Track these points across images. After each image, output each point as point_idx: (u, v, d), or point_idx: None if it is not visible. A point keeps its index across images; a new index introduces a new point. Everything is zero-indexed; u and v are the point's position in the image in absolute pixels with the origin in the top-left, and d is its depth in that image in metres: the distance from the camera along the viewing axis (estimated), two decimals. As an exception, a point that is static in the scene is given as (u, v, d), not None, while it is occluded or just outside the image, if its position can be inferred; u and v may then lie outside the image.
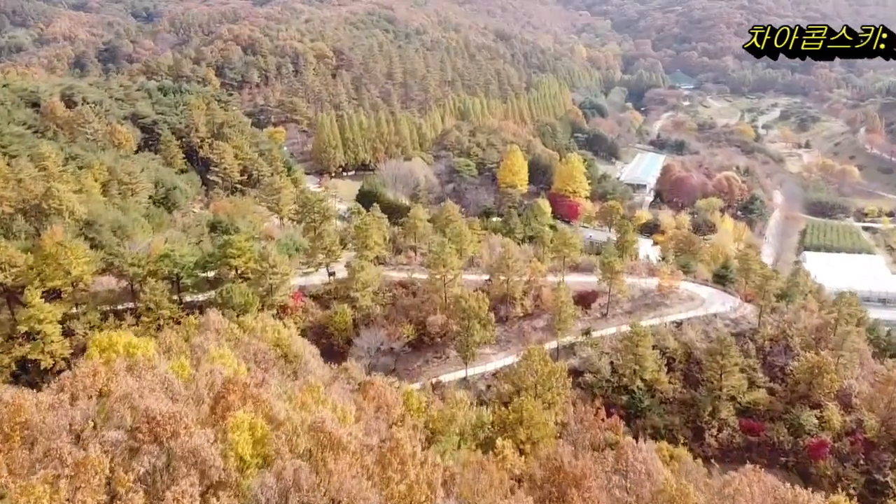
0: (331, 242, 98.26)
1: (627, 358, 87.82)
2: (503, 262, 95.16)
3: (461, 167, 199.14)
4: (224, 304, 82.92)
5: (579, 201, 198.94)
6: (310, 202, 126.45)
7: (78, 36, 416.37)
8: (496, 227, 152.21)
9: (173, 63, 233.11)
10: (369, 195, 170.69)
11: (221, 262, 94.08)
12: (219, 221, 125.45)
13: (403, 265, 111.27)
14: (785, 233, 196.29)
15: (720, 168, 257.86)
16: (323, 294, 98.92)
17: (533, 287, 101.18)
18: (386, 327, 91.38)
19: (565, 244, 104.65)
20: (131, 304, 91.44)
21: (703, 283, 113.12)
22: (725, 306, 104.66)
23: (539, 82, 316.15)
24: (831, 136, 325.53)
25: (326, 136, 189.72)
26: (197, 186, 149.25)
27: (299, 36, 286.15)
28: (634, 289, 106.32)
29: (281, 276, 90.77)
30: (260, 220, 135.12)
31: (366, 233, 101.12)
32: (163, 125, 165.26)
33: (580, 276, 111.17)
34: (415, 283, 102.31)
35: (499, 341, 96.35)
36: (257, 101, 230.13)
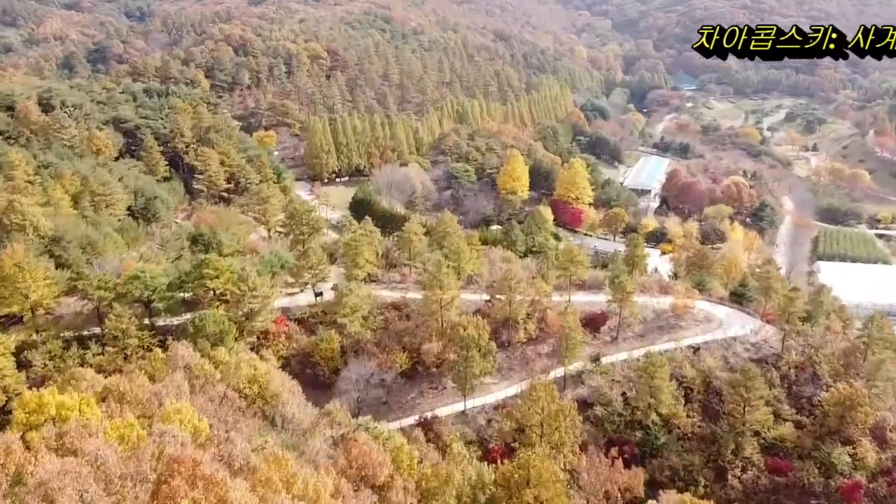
0: (317, 261, 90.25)
1: (642, 390, 79.91)
2: (505, 283, 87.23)
3: (459, 173, 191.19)
4: (197, 334, 74.90)
5: (582, 208, 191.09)
6: (297, 213, 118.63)
7: (69, 36, 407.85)
8: (496, 238, 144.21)
9: (161, 64, 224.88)
10: (363, 203, 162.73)
11: (197, 283, 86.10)
12: (200, 234, 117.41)
13: (397, 283, 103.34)
14: (797, 241, 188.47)
15: (726, 172, 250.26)
16: (308, 317, 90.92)
17: (537, 309, 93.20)
18: (377, 356, 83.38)
19: (572, 261, 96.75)
20: (99, 329, 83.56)
21: (719, 302, 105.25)
22: (745, 329, 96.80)
23: (539, 84, 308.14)
24: (839, 138, 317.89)
25: (318, 141, 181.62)
26: (180, 195, 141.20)
27: (293, 36, 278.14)
28: (646, 309, 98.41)
29: (262, 299, 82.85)
30: (245, 232, 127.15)
31: (356, 250, 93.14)
32: (145, 130, 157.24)
33: (587, 296, 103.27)
34: (409, 304, 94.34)
35: (500, 369, 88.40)
36: (248, 104, 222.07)
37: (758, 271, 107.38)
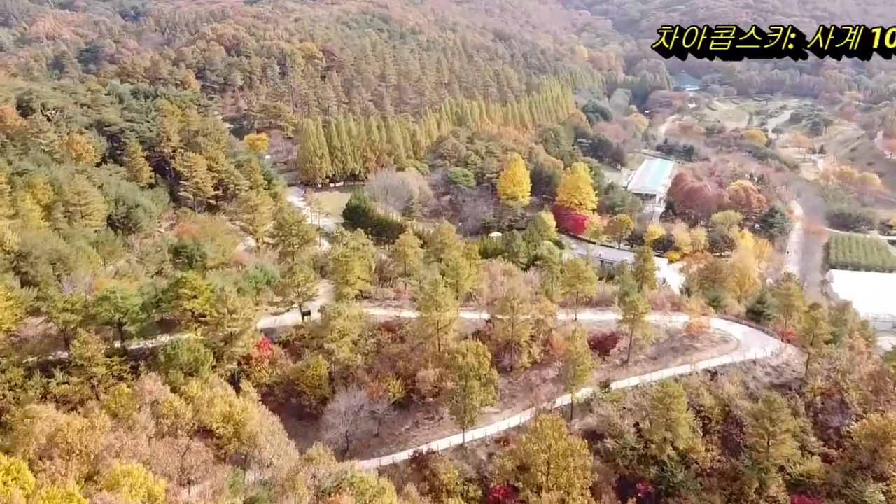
0: (305, 278, 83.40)
1: (657, 423, 73.04)
2: (507, 304, 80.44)
3: (458, 177, 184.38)
4: (168, 363, 68.07)
5: (586, 214, 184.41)
6: (286, 224, 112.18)
7: (62, 35, 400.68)
8: (497, 248, 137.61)
9: (150, 65, 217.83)
10: (357, 211, 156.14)
11: (173, 304, 79.26)
12: (183, 246, 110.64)
13: (391, 300, 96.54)
14: (808, 248, 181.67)
15: (733, 175, 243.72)
16: (294, 340, 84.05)
17: (542, 330, 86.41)
18: (368, 384, 76.54)
19: (578, 277, 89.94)
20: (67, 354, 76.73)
21: (735, 321, 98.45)
22: (765, 350, 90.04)
23: (540, 84, 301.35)
24: (846, 140, 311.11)
25: (312, 145, 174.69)
26: (164, 203, 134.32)
27: (287, 35, 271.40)
28: (659, 329, 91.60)
29: (243, 322, 76.00)
30: (231, 243, 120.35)
31: (346, 266, 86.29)
32: (130, 134, 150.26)
33: (595, 314, 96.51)
34: (403, 324, 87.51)
35: (502, 396, 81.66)
36: (240, 106, 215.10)
37: (777, 287, 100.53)
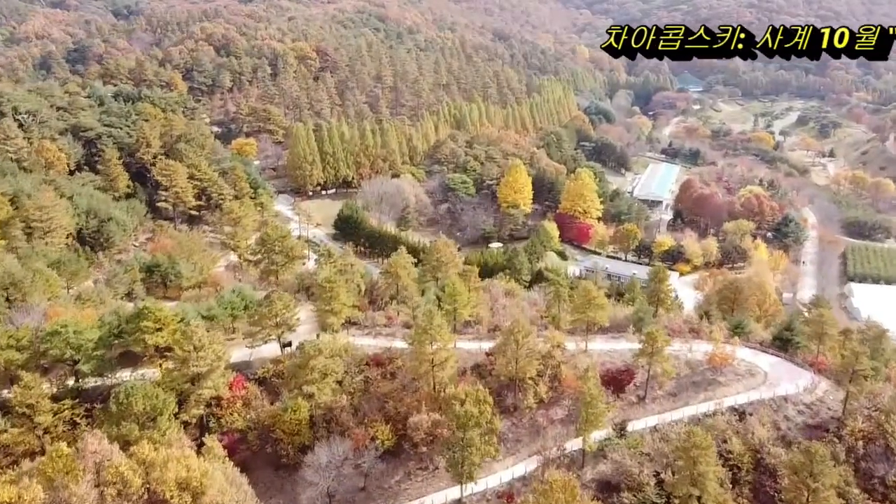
0: (284, 307, 74.36)
1: (682, 476, 63.99)
2: (510, 337, 71.41)
3: (457, 184, 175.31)
4: (121, 413, 58.99)
5: (590, 223, 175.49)
6: (270, 239, 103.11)
7: (51, 35, 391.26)
8: (497, 263, 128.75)
9: (135, 66, 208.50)
10: (349, 221, 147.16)
11: (134, 338, 70.28)
12: (156, 265, 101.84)
13: (382, 328, 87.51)
14: (823, 259, 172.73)
15: (741, 181, 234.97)
16: (272, 376, 75.04)
17: (549, 365, 77.38)
18: (353, 431, 67.47)
19: (590, 304, 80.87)
20: (13, 395, 67.70)
21: (761, 350, 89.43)
22: (797, 385, 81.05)
23: (541, 86, 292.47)
24: (855, 143, 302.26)
25: (301, 150, 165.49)
26: (141, 215, 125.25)
27: (280, 35, 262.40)
28: (678, 360, 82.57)
29: (212, 360, 66.89)
30: (211, 260, 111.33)
31: (331, 293, 77.23)
32: (107, 140, 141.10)
33: (607, 342, 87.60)
34: (395, 357, 78.47)
35: (505, 440, 72.69)
36: (229, 109, 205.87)
37: (806, 311, 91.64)
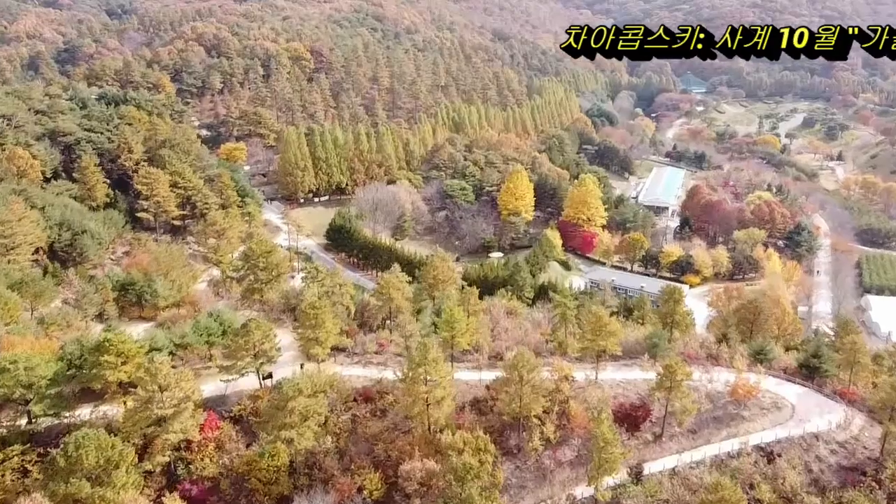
0: (262, 338, 66.95)
1: (709, 534, 56.66)
2: (514, 373, 64.07)
3: (455, 191, 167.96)
4: (71, 469, 51.56)
5: (595, 231, 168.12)
6: (254, 254, 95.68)
7: (43, 35, 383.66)
8: (498, 276, 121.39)
9: (122, 66, 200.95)
10: (341, 232, 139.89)
11: (94, 373, 62.90)
12: (130, 283, 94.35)
13: (373, 355, 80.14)
14: (838, 269, 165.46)
15: (749, 185, 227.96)
16: (250, 414, 67.57)
17: (556, 400, 70.01)
18: (337, 479, 60.12)
19: (601, 331, 73.46)
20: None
21: (786, 378, 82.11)
22: (827, 420, 73.76)
23: (542, 87, 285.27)
24: (864, 146, 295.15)
25: (293, 156, 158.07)
26: (119, 226, 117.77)
27: (273, 35, 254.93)
28: (697, 391, 75.11)
29: (180, 400, 59.49)
30: (191, 276, 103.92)
31: (315, 320, 69.81)
32: (86, 145, 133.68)
33: (619, 370, 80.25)
34: (386, 391, 71.08)
35: (509, 487, 65.21)
36: (219, 112, 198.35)
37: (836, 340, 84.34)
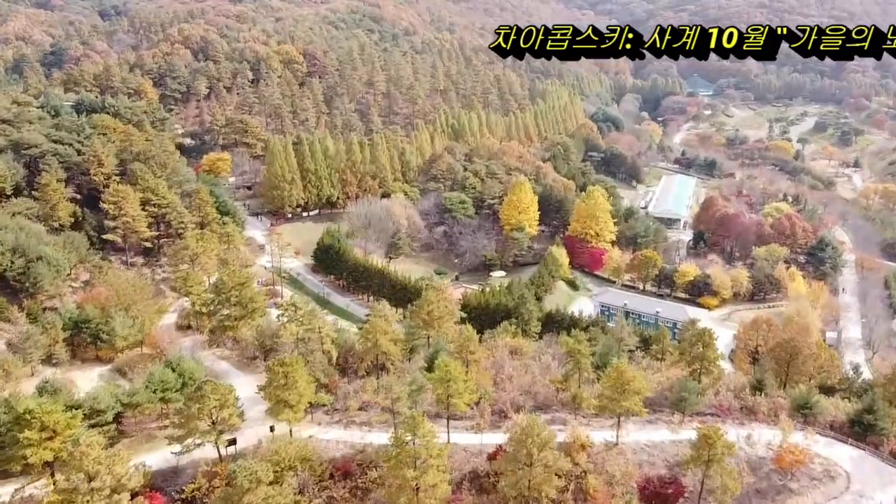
0: (219, 404, 55.79)
1: None
2: (521, 448, 52.92)
3: (454, 205, 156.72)
4: None
5: (604, 247, 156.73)
6: (225, 287, 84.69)
7: (32, 36, 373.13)
8: (501, 304, 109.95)
9: (102, 71, 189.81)
10: (330, 252, 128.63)
11: (10, 455, 51.81)
12: (84, 321, 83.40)
13: (356, 413, 68.94)
14: (866, 289, 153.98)
15: (764, 195, 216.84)
16: (204, 495, 56.42)
17: (572, 475, 58.83)
18: (306, 587, 48.99)
19: (624, 390, 62.20)
20: None
21: (836, 438, 70.87)
22: (889, 492, 62.70)
23: (545, 91, 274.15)
24: (880, 152, 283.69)
25: (279, 168, 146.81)
26: (83, 250, 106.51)
27: (265, 37, 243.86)
28: (738, 458, 63.78)
29: (112, 488, 48.34)
30: (156, 310, 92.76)
31: (286, 379, 58.65)
32: (51, 159, 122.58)
33: (643, 429, 69.08)
34: (368, 463, 59.91)
35: (514, 585, 54.24)
36: (205, 119, 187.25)
37: (885, 389, 73.09)
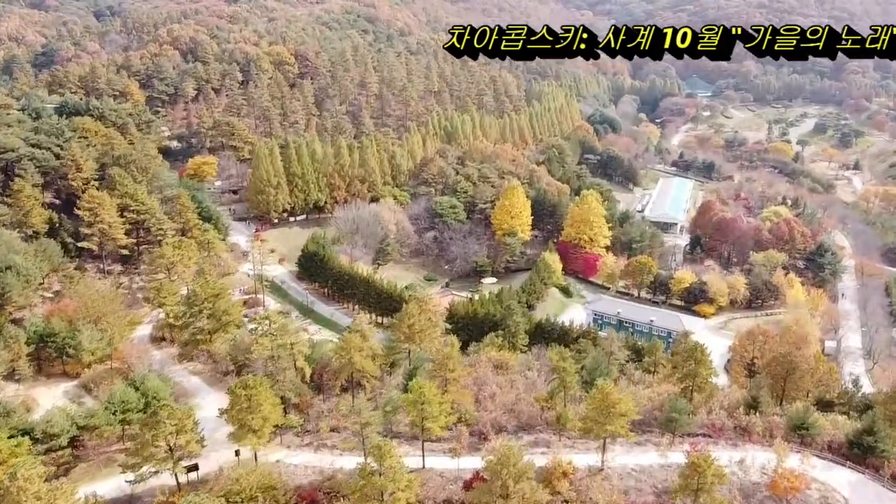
0: (177, 429, 52.28)
1: None
2: (496, 480, 49.37)
3: (445, 209, 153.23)
4: None
5: (598, 253, 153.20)
6: (197, 300, 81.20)
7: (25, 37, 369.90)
8: (489, 314, 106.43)
9: (87, 72, 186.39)
10: (314, 259, 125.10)
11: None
12: (49, 335, 79.87)
13: (328, 434, 65.42)
14: (866, 295, 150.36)
15: (762, 198, 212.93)
16: (160, 529, 52.97)
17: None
18: None
19: (609, 413, 58.66)
20: None
21: (834, 460, 67.34)
22: (891, 522, 59.23)
23: (541, 92, 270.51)
24: (881, 154, 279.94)
25: (265, 172, 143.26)
26: (56, 258, 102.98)
27: (256, 38, 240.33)
28: (730, 485, 60.29)
29: (53, 525, 44.78)
30: (127, 322, 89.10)
31: (248, 403, 55.13)
32: (28, 163, 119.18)
33: (629, 452, 65.60)
34: (337, 492, 56.40)
35: None
36: (192, 121, 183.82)
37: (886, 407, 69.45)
